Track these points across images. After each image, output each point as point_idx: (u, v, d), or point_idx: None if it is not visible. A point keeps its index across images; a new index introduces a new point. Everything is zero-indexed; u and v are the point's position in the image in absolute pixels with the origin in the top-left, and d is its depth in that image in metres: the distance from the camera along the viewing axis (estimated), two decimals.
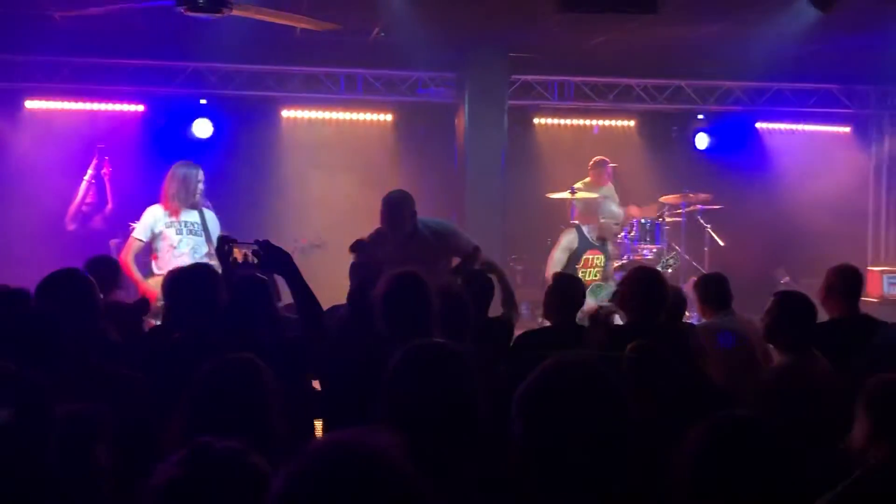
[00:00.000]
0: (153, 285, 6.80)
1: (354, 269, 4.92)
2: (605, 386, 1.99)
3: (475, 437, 2.39)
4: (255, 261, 4.01)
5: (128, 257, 7.04)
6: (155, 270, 7.04)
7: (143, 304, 4.97)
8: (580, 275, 7.95)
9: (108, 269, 4.93)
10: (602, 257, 8.35)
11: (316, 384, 4.11)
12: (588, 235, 8.34)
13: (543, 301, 5.09)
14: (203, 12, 6.90)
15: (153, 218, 7.01)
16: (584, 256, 8.29)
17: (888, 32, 8.82)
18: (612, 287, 7.77)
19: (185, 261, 6.60)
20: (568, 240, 8.33)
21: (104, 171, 9.55)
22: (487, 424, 2.40)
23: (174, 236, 6.90)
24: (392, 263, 5.88)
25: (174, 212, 6.95)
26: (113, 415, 2.56)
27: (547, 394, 1.96)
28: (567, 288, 5.12)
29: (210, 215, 7.08)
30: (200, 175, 7.05)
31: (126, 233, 9.43)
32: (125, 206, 9.79)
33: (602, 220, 8.34)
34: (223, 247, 4.23)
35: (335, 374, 3.85)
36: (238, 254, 4.16)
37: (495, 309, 5.34)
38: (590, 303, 7.81)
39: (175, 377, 2.90)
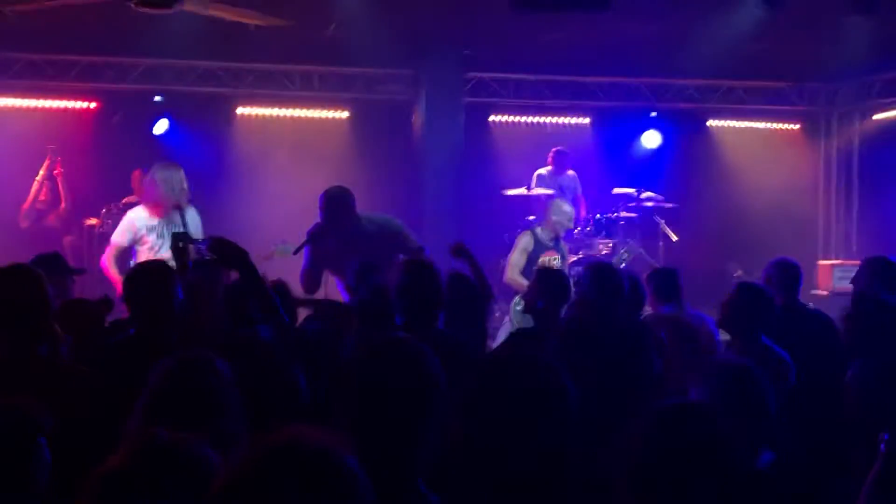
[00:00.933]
0: None
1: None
2: (547, 382, 1.98)
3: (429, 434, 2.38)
4: (211, 257, 4.00)
5: (109, 262, 7.00)
6: None
7: (106, 303, 4.93)
8: None
9: (55, 266, 4.89)
10: (558, 258, 8.44)
11: None
12: (542, 238, 8.43)
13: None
14: (154, 7, 6.92)
15: (134, 222, 6.91)
16: (541, 259, 8.38)
17: (836, 30, 8.99)
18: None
19: None
20: (524, 243, 8.42)
21: (56, 171, 9.52)
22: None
23: (155, 240, 6.80)
24: (334, 258, 6.01)
25: (156, 215, 6.87)
26: (55, 410, 2.54)
27: (485, 389, 1.97)
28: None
29: (192, 214, 7.00)
30: (182, 175, 6.96)
31: (81, 230, 9.42)
32: (79, 202, 9.78)
33: (554, 218, 8.43)
34: (177, 244, 4.24)
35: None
36: (193, 251, 4.21)
37: None
38: None
39: (130, 374, 2.90)
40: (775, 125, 12.09)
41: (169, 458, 1.86)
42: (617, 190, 10.30)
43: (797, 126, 12.12)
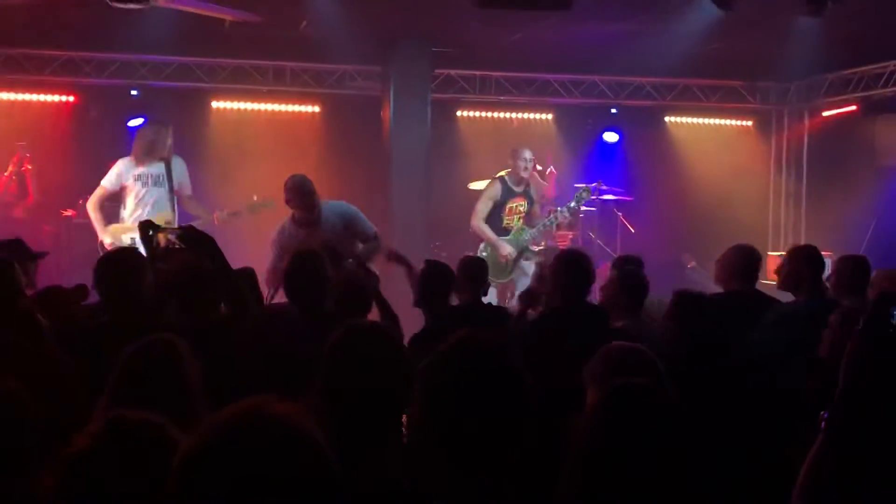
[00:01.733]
0: (114, 231, 7.37)
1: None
2: (505, 364, 1.96)
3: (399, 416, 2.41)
4: (180, 245, 4.11)
5: (92, 202, 7.40)
6: (124, 217, 7.55)
7: (82, 290, 5.02)
8: (504, 222, 8.29)
9: (18, 252, 4.86)
10: (525, 203, 8.59)
11: None
12: (510, 184, 8.58)
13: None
14: (130, 3, 7.10)
15: (120, 167, 7.46)
16: (508, 205, 8.58)
17: (787, 32, 9.34)
18: (533, 231, 8.19)
19: (148, 211, 7.27)
20: (492, 191, 8.52)
21: (25, 167, 9.71)
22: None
23: (140, 188, 7.37)
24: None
25: (140, 163, 7.36)
26: (36, 397, 2.52)
27: (446, 370, 1.94)
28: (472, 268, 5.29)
29: (177, 162, 7.52)
30: (168, 132, 7.55)
31: (59, 221, 9.64)
32: (56, 194, 9.97)
33: (517, 163, 8.55)
34: (147, 232, 4.27)
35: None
36: (162, 239, 4.22)
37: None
38: (509, 249, 8.23)
39: (104, 360, 2.91)
40: (729, 122, 12.47)
41: (134, 438, 1.86)
42: (578, 185, 10.62)
43: (750, 123, 12.53)
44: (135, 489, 1.78)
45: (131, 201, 7.40)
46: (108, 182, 7.54)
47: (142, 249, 4.58)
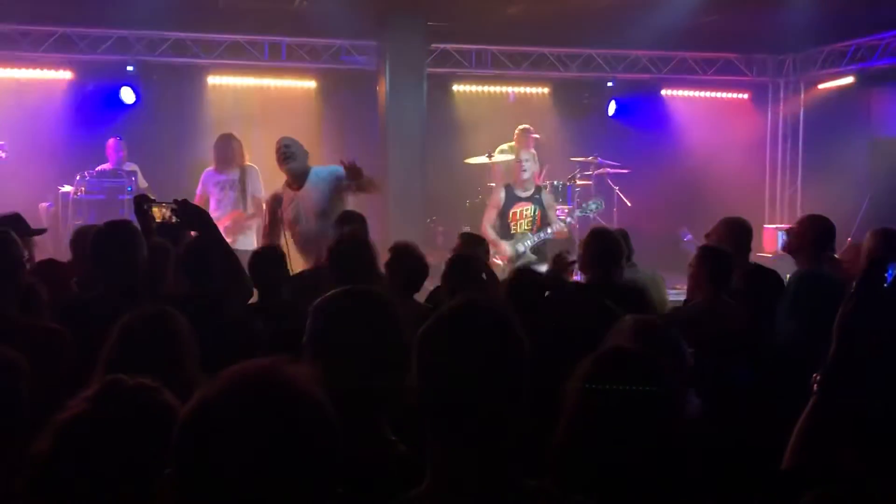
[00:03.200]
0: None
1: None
2: (502, 329, 1.92)
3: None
4: (175, 219, 4.11)
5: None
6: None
7: (76, 263, 4.97)
8: (511, 229, 8.35)
9: (17, 227, 4.89)
10: (532, 208, 8.62)
11: None
12: (515, 191, 8.63)
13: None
14: None
15: (204, 177, 8.29)
16: (512, 211, 8.62)
17: (782, 3, 9.36)
18: (534, 238, 8.22)
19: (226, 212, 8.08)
20: (495, 198, 8.55)
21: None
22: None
23: (219, 193, 8.15)
24: (290, 208, 6.37)
25: (220, 171, 8.20)
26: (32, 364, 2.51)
27: (441, 333, 1.91)
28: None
29: (251, 170, 8.22)
30: (239, 143, 8.33)
31: (57, 196, 9.64)
32: (55, 169, 9.99)
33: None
34: (142, 206, 4.24)
35: None
36: (157, 213, 4.21)
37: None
38: (509, 252, 8.28)
39: (99, 332, 2.90)
40: (725, 94, 12.49)
41: (129, 401, 1.86)
42: (574, 158, 10.66)
43: (746, 95, 12.55)
44: (130, 452, 1.78)
45: (213, 204, 8.08)
46: (199, 190, 8.30)
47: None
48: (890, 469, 2.14)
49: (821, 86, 11.77)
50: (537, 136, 10.77)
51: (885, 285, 2.42)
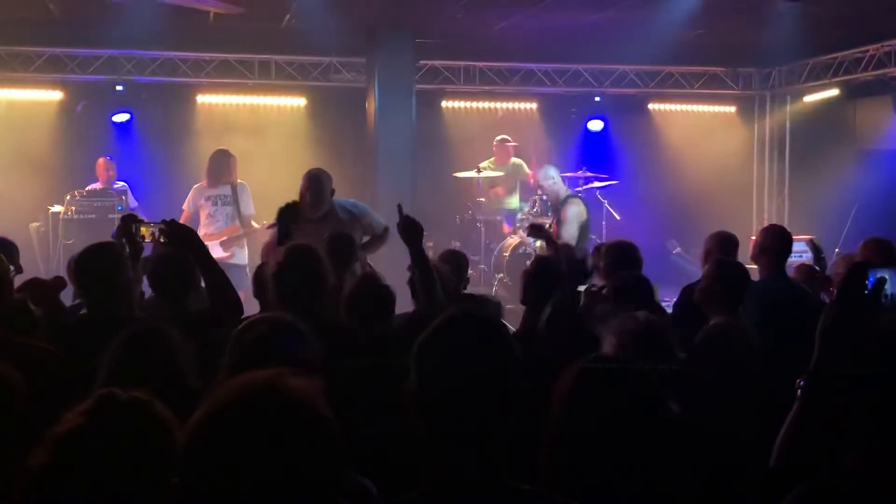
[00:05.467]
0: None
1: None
2: (495, 338, 1.97)
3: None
4: (163, 239, 4.07)
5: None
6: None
7: (59, 281, 4.94)
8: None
9: (6, 250, 4.82)
10: (549, 221, 8.75)
11: None
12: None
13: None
14: None
15: (194, 193, 8.47)
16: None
17: (768, 17, 9.42)
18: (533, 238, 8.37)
19: (218, 226, 8.38)
20: (578, 211, 8.46)
21: None
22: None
23: (211, 207, 8.36)
24: (303, 238, 6.31)
25: (211, 186, 8.42)
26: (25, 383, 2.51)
27: (437, 343, 1.96)
28: None
29: (243, 187, 8.43)
30: (234, 160, 8.64)
31: (47, 216, 9.66)
32: (45, 189, 10.00)
33: (544, 184, 8.82)
34: (130, 226, 4.20)
35: None
36: (146, 233, 4.16)
37: None
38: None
39: (88, 352, 2.92)
40: (712, 108, 12.56)
41: (124, 415, 1.86)
42: (564, 174, 10.68)
43: (733, 108, 12.62)
44: (124, 465, 1.79)
45: (204, 218, 8.27)
46: (187, 206, 8.47)
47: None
48: (877, 467, 2.12)
49: (806, 98, 11.84)
50: (515, 143, 10.87)
51: (866, 291, 2.46)
